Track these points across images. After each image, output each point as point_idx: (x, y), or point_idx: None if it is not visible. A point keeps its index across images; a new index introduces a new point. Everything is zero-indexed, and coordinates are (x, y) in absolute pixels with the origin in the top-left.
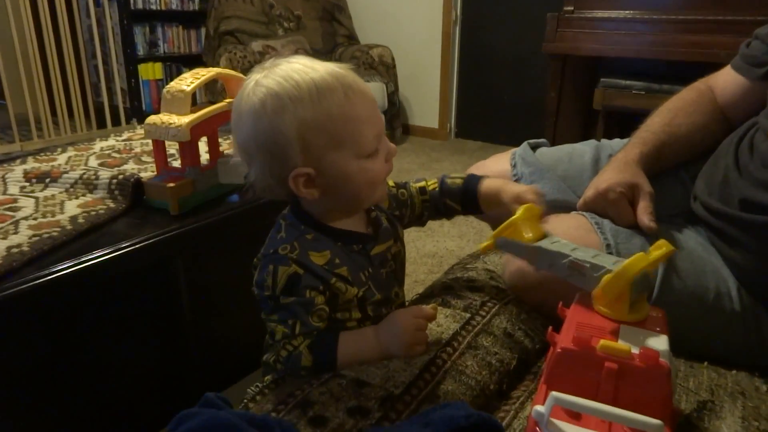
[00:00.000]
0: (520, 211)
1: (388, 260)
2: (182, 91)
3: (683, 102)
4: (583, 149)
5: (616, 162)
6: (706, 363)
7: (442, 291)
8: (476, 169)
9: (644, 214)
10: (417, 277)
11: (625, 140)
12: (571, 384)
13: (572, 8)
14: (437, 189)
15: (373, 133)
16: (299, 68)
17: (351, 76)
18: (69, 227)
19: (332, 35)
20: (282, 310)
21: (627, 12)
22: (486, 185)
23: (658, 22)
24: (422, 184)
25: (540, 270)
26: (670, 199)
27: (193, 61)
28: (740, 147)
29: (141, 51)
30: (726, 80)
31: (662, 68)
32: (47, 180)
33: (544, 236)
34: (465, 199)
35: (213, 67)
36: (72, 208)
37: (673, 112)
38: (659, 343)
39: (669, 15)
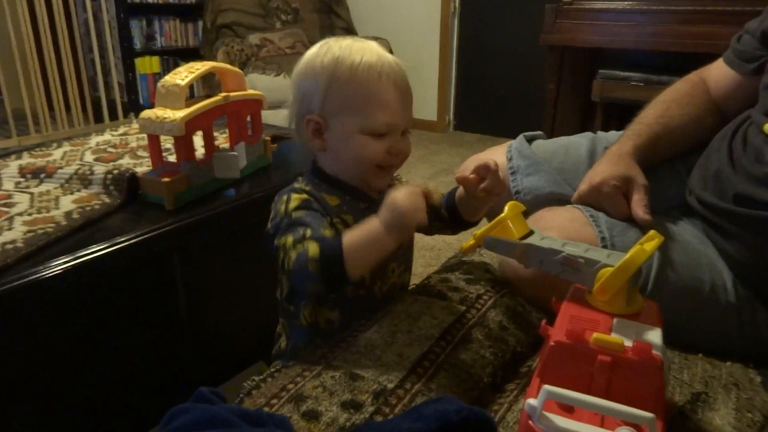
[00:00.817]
0: (506, 210)
1: None
2: (177, 85)
3: (677, 94)
4: (579, 142)
5: (610, 155)
6: (700, 355)
7: (439, 283)
8: (471, 161)
9: (639, 207)
10: (414, 270)
11: (621, 132)
12: (564, 377)
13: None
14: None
15: (386, 119)
16: (364, 47)
17: (399, 71)
18: (64, 223)
19: (330, 27)
20: (294, 225)
21: (625, 3)
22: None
23: (657, 13)
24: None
25: (530, 267)
26: (666, 192)
27: (190, 55)
28: (734, 141)
29: (138, 45)
30: (718, 74)
31: (660, 59)
32: (42, 175)
33: (531, 233)
34: (448, 206)
35: (211, 60)
36: (67, 203)
37: (666, 104)
38: (652, 336)
39: (667, 6)
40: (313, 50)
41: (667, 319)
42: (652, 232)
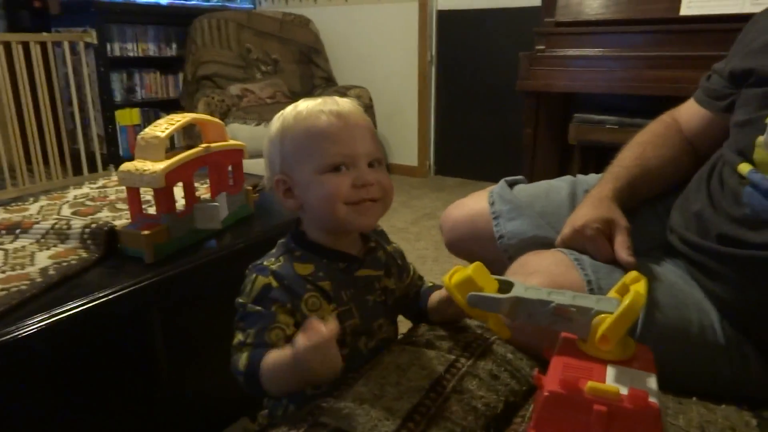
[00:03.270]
0: (471, 268)
1: (375, 289)
2: (156, 137)
3: (652, 135)
4: (560, 185)
5: (591, 198)
6: (694, 398)
7: (427, 332)
8: (455, 208)
9: (622, 249)
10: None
11: (600, 175)
12: (560, 428)
13: (543, 47)
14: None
15: (337, 150)
16: (315, 99)
17: (347, 107)
18: (39, 280)
19: (310, 77)
20: (247, 318)
21: (597, 50)
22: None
23: (627, 59)
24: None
25: (518, 321)
26: (647, 232)
27: (171, 106)
28: (711, 182)
29: (118, 97)
30: (690, 113)
31: (633, 103)
32: (18, 231)
33: (507, 284)
34: (421, 305)
35: (191, 111)
36: (43, 259)
37: (642, 146)
38: (647, 382)
39: (637, 52)
40: (275, 119)
41: (658, 361)
42: (633, 273)
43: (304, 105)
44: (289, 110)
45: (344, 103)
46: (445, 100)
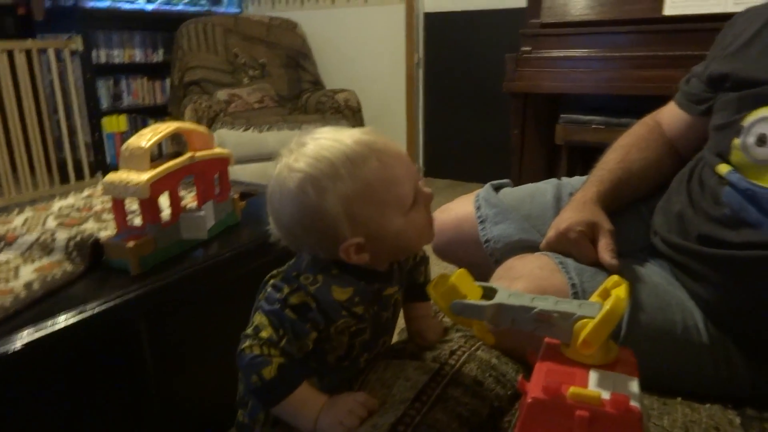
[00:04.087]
0: (454, 275)
1: (390, 305)
2: (140, 147)
3: (635, 138)
4: (545, 188)
5: (575, 202)
6: (679, 399)
7: (411, 343)
8: (441, 212)
9: (605, 252)
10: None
11: (585, 177)
12: None
13: (530, 48)
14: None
15: (410, 186)
16: (327, 144)
17: (379, 140)
18: (23, 294)
19: (297, 81)
20: (281, 318)
21: (582, 50)
22: (414, 307)
23: (613, 60)
24: None
25: (502, 327)
26: (631, 234)
27: (158, 112)
28: (691, 183)
29: (105, 104)
30: (671, 115)
31: (619, 103)
32: (1, 244)
33: (491, 291)
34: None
35: (179, 117)
36: (27, 273)
37: (626, 149)
38: (629, 386)
39: (623, 52)
40: (290, 189)
41: (643, 362)
42: (615, 277)
43: (338, 156)
44: (326, 169)
45: (379, 138)
46: (433, 102)
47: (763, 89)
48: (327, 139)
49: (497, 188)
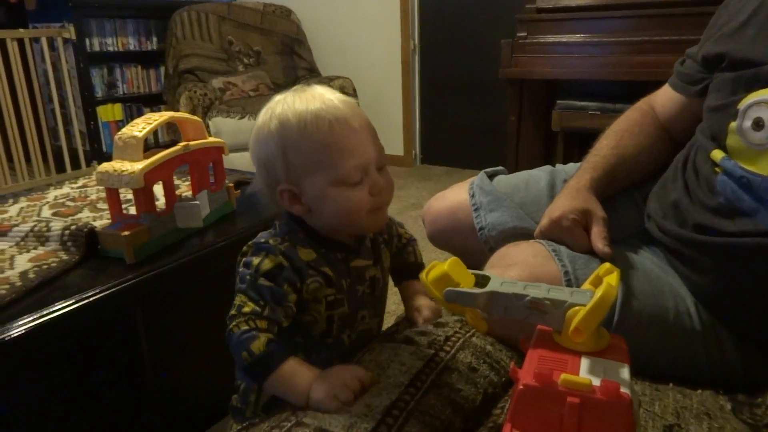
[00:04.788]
0: (447, 263)
1: (365, 279)
2: (134, 137)
3: (628, 123)
4: (539, 175)
5: (569, 189)
6: (671, 384)
7: (407, 328)
8: (436, 200)
9: (598, 240)
10: (387, 308)
11: (579, 164)
12: (535, 420)
13: (525, 34)
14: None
15: (354, 163)
16: (306, 97)
17: (349, 109)
18: (19, 284)
19: (293, 69)
20: (258, 290)
21: (578, 36)
22: (407, 286)
23: (608, 45)
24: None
25: (495, 315)
26: (625, 220)
27: (153, 100)
28: (686, 171)
29: (99, 93)
30: (665, 98)
31: (615, 88)
32: None
33: (484, 278)
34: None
35: (174, 105)
36: (23, 262)
37: (619, 135)
38: (620, 373)
39: (617, 37)
40: (260, 118)
41: (635, 349)
42: (607, 264)
43: (303, 108)
44: (287, 114)
45: (344, 105)
46: (429, 89)
47: (759, 70)
48: (310, 92)
49: (491, 176)
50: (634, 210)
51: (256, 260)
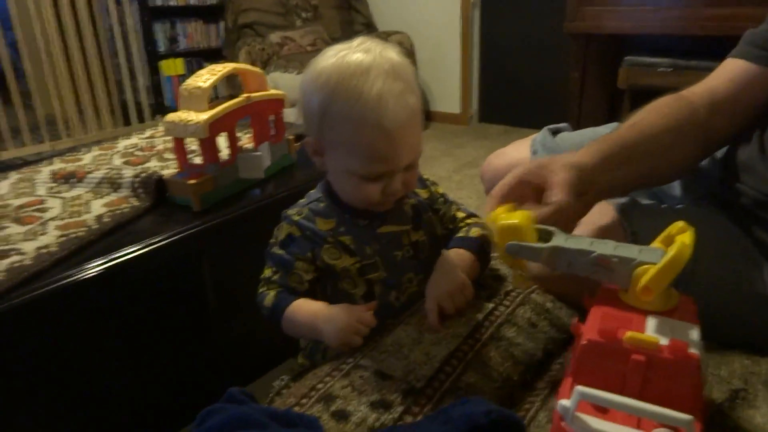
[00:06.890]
0: (518, 216)
1: (403, 244)
2: (199, 87)
3: (657, 104)
4: (605, 132)
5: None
6: (738, 350)
7: None
8: (496, 157)
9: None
10: None
11: None
12: (597, 376)
13: None
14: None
15: (380, 170)
16: (369, 73)
17: (402, 107)
18: (95, 227)
19: (350, 23)
20: (272, 258)
21: None
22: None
23: None
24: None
25: (558, 271)
26: (699, 181)
27: (213, 55)
28: (764, 133)
29: (162, 47)
30: (724, 77)
31: (688, 44)
32: (73, 180)
33: (547, 234)
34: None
35: (233, 60)
36: (97, 207)
37: (645, 112)
38: (689, 333)
39: None
40: (322, 62)
41: (702, 312)
42: (680, 222)
43: (356, 95)
44: (342, 83)
45: (402, 100)
46: (489, 45)
47: None
48: (375, 68)
49: (555, 132)
50: (710, 170)
51: (276, 230)
